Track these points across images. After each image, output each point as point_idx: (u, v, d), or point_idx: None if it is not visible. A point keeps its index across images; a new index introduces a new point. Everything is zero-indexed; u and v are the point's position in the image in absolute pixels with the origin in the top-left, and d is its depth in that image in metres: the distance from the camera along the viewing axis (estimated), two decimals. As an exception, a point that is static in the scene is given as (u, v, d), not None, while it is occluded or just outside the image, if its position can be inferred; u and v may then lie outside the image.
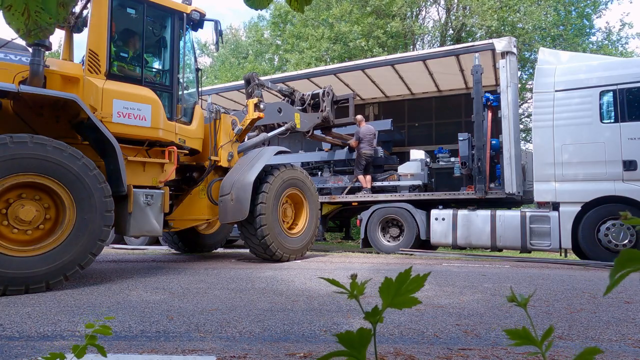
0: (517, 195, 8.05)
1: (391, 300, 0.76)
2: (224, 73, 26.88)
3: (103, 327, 1.11)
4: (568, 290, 4.27)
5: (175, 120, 5.61)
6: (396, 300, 0.76)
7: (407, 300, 0.76)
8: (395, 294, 0.76)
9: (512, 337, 0.76)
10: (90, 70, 4.90)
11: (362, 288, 0.76)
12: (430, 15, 24.58)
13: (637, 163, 6.82)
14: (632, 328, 2.82)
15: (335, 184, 10.15)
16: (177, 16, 5.71)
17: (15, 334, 2.55)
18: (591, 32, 21.94)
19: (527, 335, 0.75)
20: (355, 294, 0.77)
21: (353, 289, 0.77)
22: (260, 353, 2.20)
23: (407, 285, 0.76)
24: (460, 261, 7.37)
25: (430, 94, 11.88)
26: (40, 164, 4.01)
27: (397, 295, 0.76)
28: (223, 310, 3.22)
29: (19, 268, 3.85)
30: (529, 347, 0.76)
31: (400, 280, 0.75)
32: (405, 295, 0.76)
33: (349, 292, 0.77)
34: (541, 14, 18.26)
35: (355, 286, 0.77)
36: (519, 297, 0.80)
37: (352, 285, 0.77)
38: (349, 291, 0.77)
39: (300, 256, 6.90)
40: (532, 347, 0.76)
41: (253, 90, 7.64)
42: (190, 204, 6.40)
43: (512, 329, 0.76)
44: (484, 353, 2.25)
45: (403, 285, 0.75)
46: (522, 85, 19.90)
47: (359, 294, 0.77)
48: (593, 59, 7.97)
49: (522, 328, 0.76)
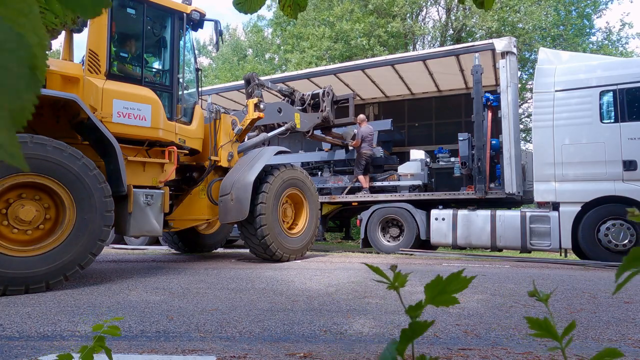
0: (517, 195, 8.05)
1: (433, 298, 0.77)
2: (224, 73, 26.88)
3: (112, 327, 1.09)
4: (568, 290, 4.27)
5: (175, 120, 5.61)
6: (438, 298, 0.77)
7: (448, 299, 0.77)
8: (439, 292, 0.77)
9: (533, 327, 0.77)
10: (90, 70, 4.90)
11: (404, 279, 0.78)
12: (430, 15, 24.61)
13: (637, 163, 6.82)
14: (632, 328, 2.82)
15: (335, 184, 10.15)
16: (177, 16, 5.71)
17: (15, 334, 2.55)
18: (591, 32, 21.95)
19: (548, 327, 0.75)
20: (397, 285, 0.78)
21: (395, 280, 0.78)
22: (260, 353, 2.20)
23: (452, 285, 0.77)
24: (460, 261, 7.37)
25: (430, 94, 11.88)
26: (40, 164, 4.01)
27: (442, 293, 0.77)
28: (223, 310, 3.22)
29: (19, 268, 3.85)
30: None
31: (450, 279, 0.76)
32: (449, 294, 0.77)
33: (391, 282, 0.78)
34: (541, 14, 18.26)
35: (399, 277, 0.78)
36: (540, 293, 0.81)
37: (396, 276, 0.78)
38: (391, 281, 0.78)
39: (300, 256, 6.89)
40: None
41: (253, 90, 7.64)
42: (190, 204, 6.40)
43: (534, 318, 0.77)
44: (484, 353, 2.25)
45: (449, 286, 0.77)
46: (522, 85, 19.90)
47: (401, 285, 0.78)
48: (593, 59, 7.97)
49: (543, 318, 0.77)
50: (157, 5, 5.51)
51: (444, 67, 9.90)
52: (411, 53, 12.38)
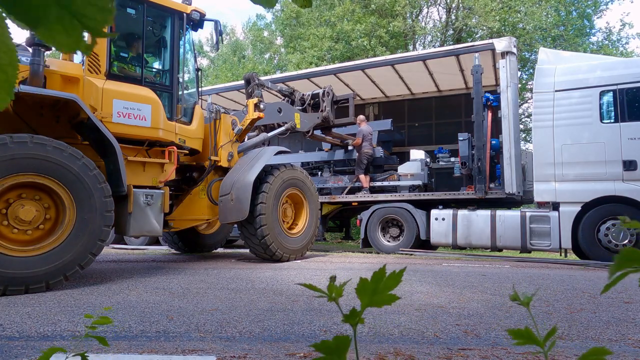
0: (517, 195, 8.05)
1: (370, 300, 0.74)
2: (224, 73, 26.88)
3: (102, 317, 1.11)
4: (568, 290, 4.27)
5: (175, 120, 5.60)
6: (375, 299, 0.74)
7: (385, 298, 0.74)
8: (373, 293, 0.74)
9: (515, 337, 0.76)
10: (90, 70, 4.90)
11: (340, 290, 0.74)
12: (430, 15, 24.62)
13: (637, 163, 6.82)
14: (632, 328, 2.82)
15: (335, 184, 10.15)
16: (177, 16, 5.71)
17: (15, 334, 2.55)
18: (591, 33, 21.95)
19: (529, 335, 0.74)
20: (334, 297, 0.75)
21: (331, 292, 0.75)
22: (260, 353, 2.20)
23: (384, 283, 0.74)
24: (460, 261, 7.37)
25: (430, 94, 11.88)
26: (40, 164, 4.01)
27: (375, 294, 0.74)
28: (223, 310, 3.22)
29: (19, 268, 3.85)
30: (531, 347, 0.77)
31: (376, 278, 0.74)
32: (384, 292, 0.74)
33: (328, 295, 0.75)
34: (542, 15, 18.26)
35: (333, 288, 0.75)
36: (521, 296, 0.80)
37: (330, 287, 0.75)
38: (328, 294, 0.75)
39: (300, 256, 6.89)
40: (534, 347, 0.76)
41: (253, 90, 7.64)
42: (190, 204, 6.40)
43: (515, 329, 0.76)
44: (484, 353, 2.25)
45: (380, 284, 0.74)
46: (522, 85, 19.91)
47: (338, 296, 0.74)
48: (593, 59, 7.97)
49: (524, 328, 0.76)
50: (157, 5, 5.51)
51: (444, 67, 9.90)
52: (411, 53, 12.38)
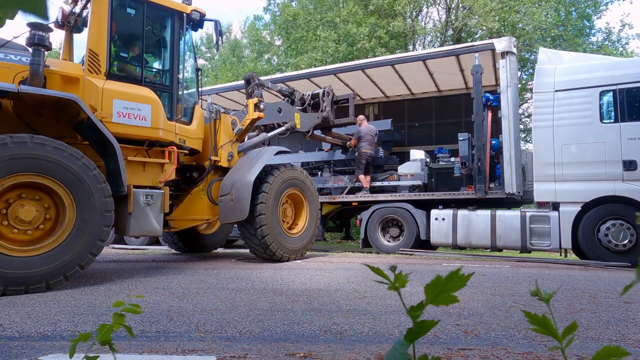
0: (517, 195, 8.05)
1: (433, 297, 0.77)
2: (225, 73, 26.88)
3: (133, 305, 1.10)
4: (568, 290, 4.27)
5: (175, 120, 5.60)
6: (438, 298, 0.77)
7: (447, 298, 0.77)
8: (440, 291, 0.77)
9: (532, 322, 0.77)
10: (90, 70, 4.90)
11: (404, 280, 0.77)
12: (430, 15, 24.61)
13: (637, 163, 6.82)
14: (632, 328, 2.82)
15: (335, 184, 10.15)
16: (177, 16, 5.71)
17: (15, 334, 2.55)
18: (591, 33, 21.96)
19: (546, 324, 0.75)
20: (397, 286, 0.77)
21: (396, 281, 0.78)
22: (260, 353, 2.20)
23: (451, 284, 0.77)
24: (460, 261, 7.37)
25: (430, 94, 11.88)
26: (40, 164, 4.01)
27: (441, 292, 0.77)
28: (223, 310, 3.22)
29: (19, 268, 3.85)
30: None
31: (449, 278, 0.76)
32: (448, 293, 0.77)
33: (392, 283, 0.78)
34: (542, 15, 18.26)
35: (400, 278, 0.77)
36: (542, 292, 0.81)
37: (397, 277, 0.78)
38: (392, 282, 0.78)
39: (300, 256, 6.89)
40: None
41: (253, 90, 7.64)
42: (190, 204, 6.40)
43: (534, 314, 0.77)
44: (484, 353, 2.25)
45: (450, 283, 0.76)
46: (522, 85, 19.91)
47: (402, 285, 0.77)
48: (593, 59, 7.97)
49: (542, 315, 0.77)
50: (157, 5, 5.51)
51: (444, 67, 9.90)
52: (411, 53, 12.37)
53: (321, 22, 21.56)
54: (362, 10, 20.14)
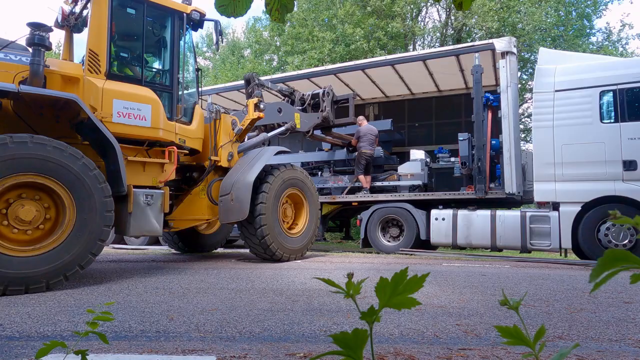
0: (517, 195, 8.05)
1: (388, 300, 0.74)
2: (224, 73, 26.88)
3: (104, 313, 1.11)
4: (568, 290, 4.27)
5: (175, 120, 5.60)
6: (394, 301, 0.74)
7: (405, 301, 0.74)
8: (392, 294, 0.74)
9: (504, 335, 0.75)
10: (90, 70, 4.90)
11: (358, 287, 0.75)
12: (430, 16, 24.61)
13: (637, 163, 6.82)
14: (632, 328, 2.82)
15: (335, 184, 10.15)
16: (177, 16, 5.71)
17: (15, 334, 2.55)
18: (591, 33, 21.96)
19: (518, 334, 0.74)
20: (352, 294, 0.75)
21: (349, 289, 0.75)
22: (260, 353, 2.20)
23: (404, 286, 0.74)
24: (460, 261, 7.37)
25: (430, 94, 11.88)
26: (40, 164, 4.01)
27: (394, 295, 0.74)
28: (223, 310, 3.22)
29: (19, 268, 3.85)
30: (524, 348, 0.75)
31: (397, 280, 0.73)
32: (403, 295, 0.74)
33: (345, 291, 0.76)
34: (542, 15, 18.26)
35: (352, 285, 0.75)
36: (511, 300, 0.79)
37: (348, 284, 0.76)
38: (345, 291, 0.76)
39: (300, 256, 6.89)
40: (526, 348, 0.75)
41: (253, 90, 7.64)
42: (190, 204, 6.40)
43: (504, 326, 0.75)
44: (484, 353, 2.25)
45: (400, 285, 0.74)
46: (522, 85, 19.91)
47: (355, 293, 0.75)
48: (593, 59, 7.97)
49: (513, 326, 0.75)
50: (157, 5, 5.51)
51: (444, 67, 9.90)
52: (411, 53, 12.37)
53: (316, 21, 21.57)
54: (360, 12, 20.14)
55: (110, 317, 1.12)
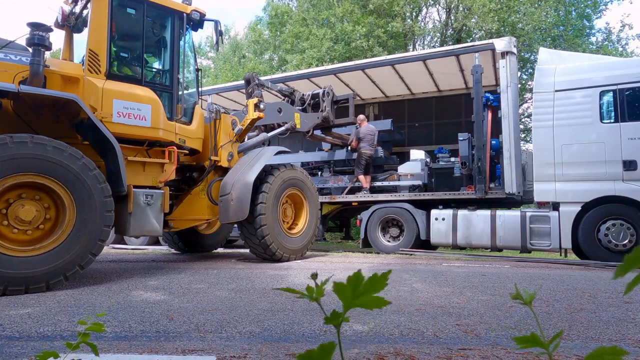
0: (517, 195, 8.05)
1: (351, 302, 0.71)
2: (225, 73, 26.89)
3: (95, 324, 1.12)
4: (568, 290, 4.27)
5: (175, 120, 5.60)
6: (358, 301, 0.71)
7: (370, 300, 0.71)
8: (353, 296, 0.71)
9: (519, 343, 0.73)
10: (90, 70, 4.90)
11: (321, 290, 0.72)
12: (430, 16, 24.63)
13: (637, 163, 6.82)
14: (632, 328, 2.82)
15: (335, 184, 10.15)
16: (177, 16, 5.71)
17: (15, 334, 2.55)
18: (591, 33, 21.96)
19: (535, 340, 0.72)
20: (315, 297, 0.72)
21: (311, 292, 0.72)
22: (260, 353, 2.20)
23: (365, 286, 0.71)
24: (460, 261, 7.37)
25: (430, 94, 11.88)
26: (40, 164, 4.01)
27: (356, 296, 0.71)
28: (223, 310, 3.22)
29: (19, 268, 3.85)
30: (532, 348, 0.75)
31: (354, 281, 0.70)
32: (368, 295, 0.71)
33: (309, 296, 0.72)
34: (542, 15, 18.27)
35: (312, 290, 0.72)
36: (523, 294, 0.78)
37: (308, 288, 0.72)
38: (308, 295, 0.72)
39: (300, 256, 6.89)
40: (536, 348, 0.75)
41: (253, 90, 7.64)
42: (190, 204, 6.40)
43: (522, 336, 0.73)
44: (484, 353, 2.25)
45: (360, 286, 0.71)
46: (522, 85, 19.92)
47: (319, 296, 0.72)
48: (593, 59, 7.97)
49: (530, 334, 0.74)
50: (157, 5, 5.51)
51: (444, 67, 9.90)
52: (411, 53, 12.38)
53: (315, 19, 21.58)
54: (360, 10, 20.14)
55: (102, 329, 1.12)
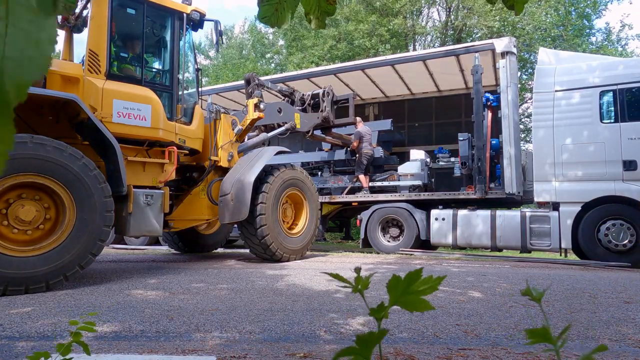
0: (517, 195, 8.05)
1: (398, 298, 0.72)
2: (225, 73, 26.90)
3: (87, 323, 1.12)
4: (568, 290, 4.26)
5: (175, 120, 5.60)
6: (404, 299, 0.72)
7: (417, 302, 0.71)
8: (403, 292, 0.72)
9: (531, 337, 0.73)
10: (90, 70, 4.90)
11: (367, 282, 0.74)
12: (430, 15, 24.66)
13: (637, 163, 6.82)
14: (632, 328, 2.82)
15: (335, 184, 10.15)
16: (177, 16, 5.71)
17: (15, 334, 2.55)
18: (591, 33, 21.96)
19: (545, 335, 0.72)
20: (360, 288, 0.74)
21: (357, 283, 0.74)
22: (260, 353, 2.20)
23: (417, 285, 0.71)
24: (460, 261, 7.37)
25: (430, 94, 11.89)
26: (40, 164, 4.01)
27: (406, 294, 0.72)
28: (223, 310, 3.22)
29: (19, 268, 3.85)
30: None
31: (410, 278, 0.71)
32: (416, 295, 0.71)
33: (354, 286, 0.75)
34: (542, 15, 18.28)
35: (360, 280, 0.74)
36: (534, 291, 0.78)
37: (357, 279, 0.75)
38: (354, 285, 0.75)
39: (300, 256, 6.89)
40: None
41: (253, 90, 7.63)
42: (190, 204, 6.40)
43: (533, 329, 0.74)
44: (484, 353, 2.25)
45: (412, 285, 0.71)
46: (522, 85, 19.92)
47: (364, 288, 0.74)
48: (593, 59, 7.97)
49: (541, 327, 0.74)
50: (157, 5, 5.51)
51: (444, 67, 9.90)
52: (411, 53, 12.39)
53: None
54: (364, 9, 20.17)
55: (93, 329, 1.12)
